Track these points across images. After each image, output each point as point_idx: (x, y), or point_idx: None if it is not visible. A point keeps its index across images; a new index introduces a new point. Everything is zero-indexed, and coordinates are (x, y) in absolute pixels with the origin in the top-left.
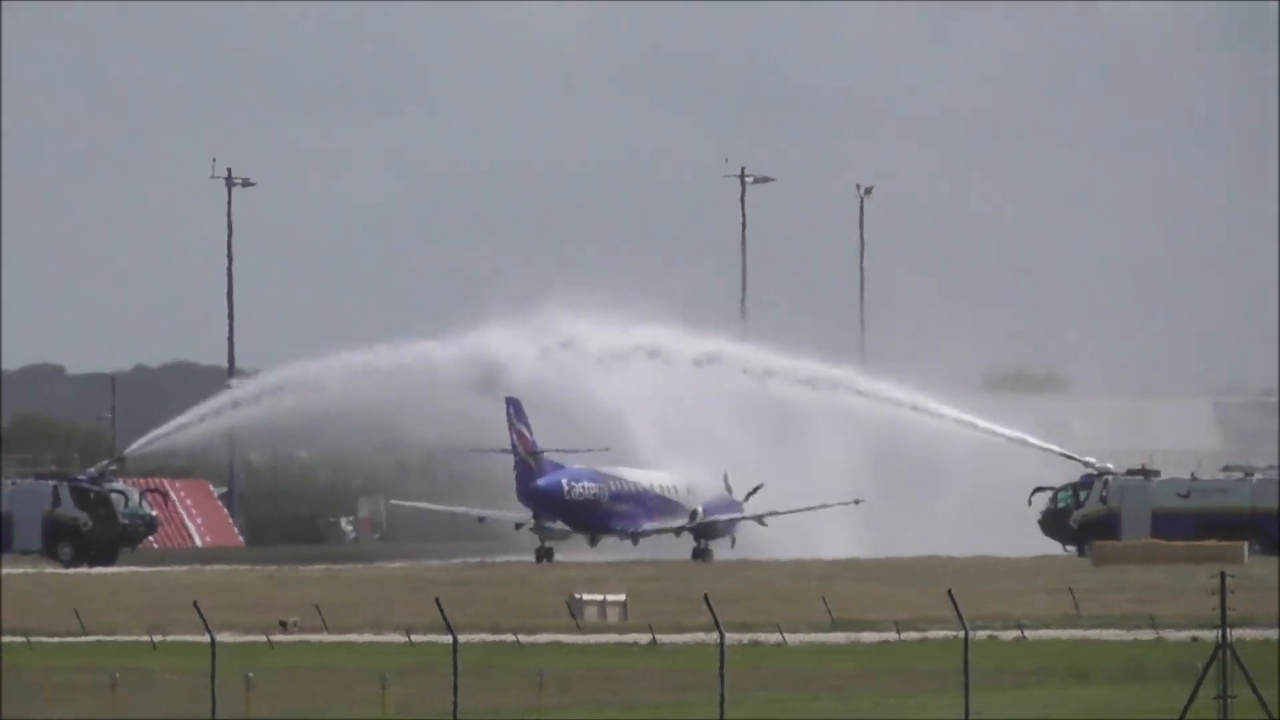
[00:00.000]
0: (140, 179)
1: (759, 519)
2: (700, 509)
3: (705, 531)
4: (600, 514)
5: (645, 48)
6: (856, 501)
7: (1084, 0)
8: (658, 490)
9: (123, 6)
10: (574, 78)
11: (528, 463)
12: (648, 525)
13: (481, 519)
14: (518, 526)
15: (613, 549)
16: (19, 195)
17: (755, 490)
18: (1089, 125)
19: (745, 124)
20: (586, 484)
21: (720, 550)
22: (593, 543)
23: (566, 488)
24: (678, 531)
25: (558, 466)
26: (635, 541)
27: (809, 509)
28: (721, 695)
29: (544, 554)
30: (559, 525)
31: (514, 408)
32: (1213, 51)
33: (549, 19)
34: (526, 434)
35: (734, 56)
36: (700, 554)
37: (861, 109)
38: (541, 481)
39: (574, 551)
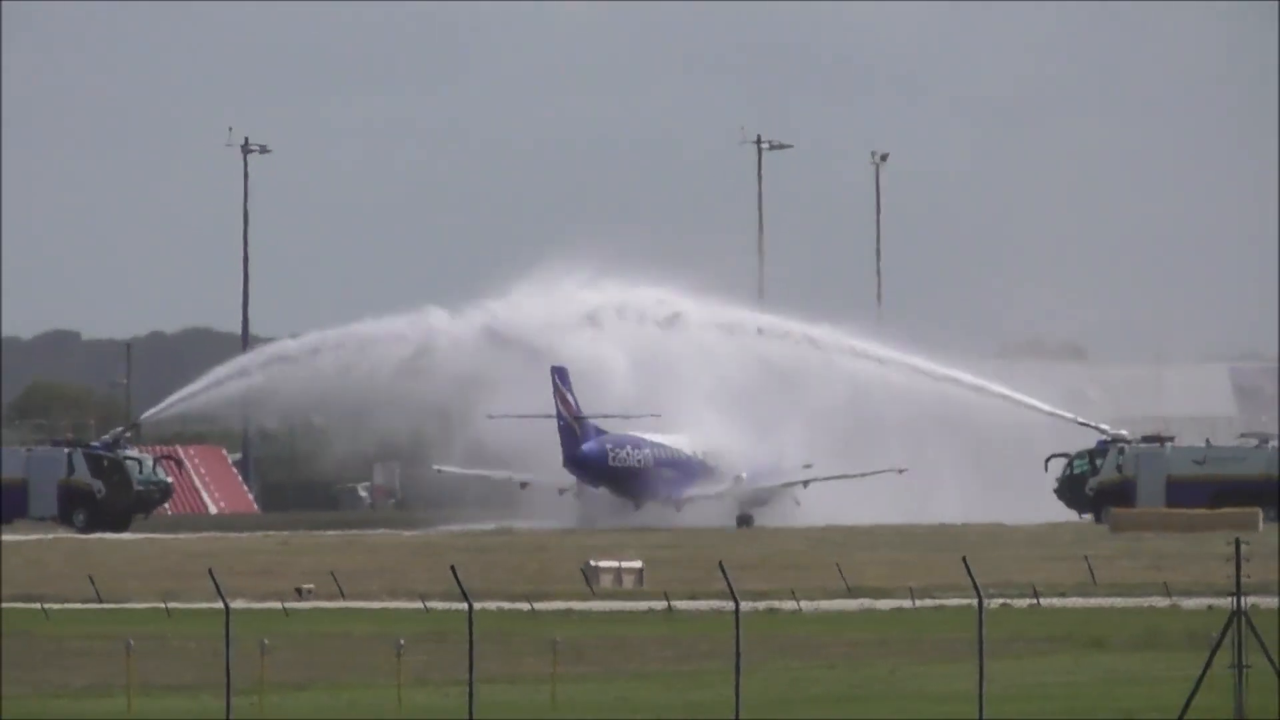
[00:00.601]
0: (157, 145)
1: (801, 484)
2: (743, 475)
3: (748, 498)
4: (644, 480)
5: (664, 17)
6: (900, 470)
7: None
8: (700, 456)
9: None
10: (592, 47)
11: (573, 428)
12: (691, 491)
13: (524, 484)
14: (561, 492)
15: (655, 515)
16: (37, 161)
17: (808, 467)
18: (1104, 93)
19: (762, 92)
20: (630, 450)
21: (766, 517)
22: (636, 508)
23: (611, 454)
24: (720, 497)
25: (601, 432)
26: (678, 507)
27: (852, 476)
28: (737, 664)
29: (589, 520)
30: (602, 490)
31: (559, 375)
32: (1228, 20)
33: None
34: (571, 400)
35: (752, 25)
36: (744, 520)
37: (878, 77)
38: (586, 447)
39: (614, 518)
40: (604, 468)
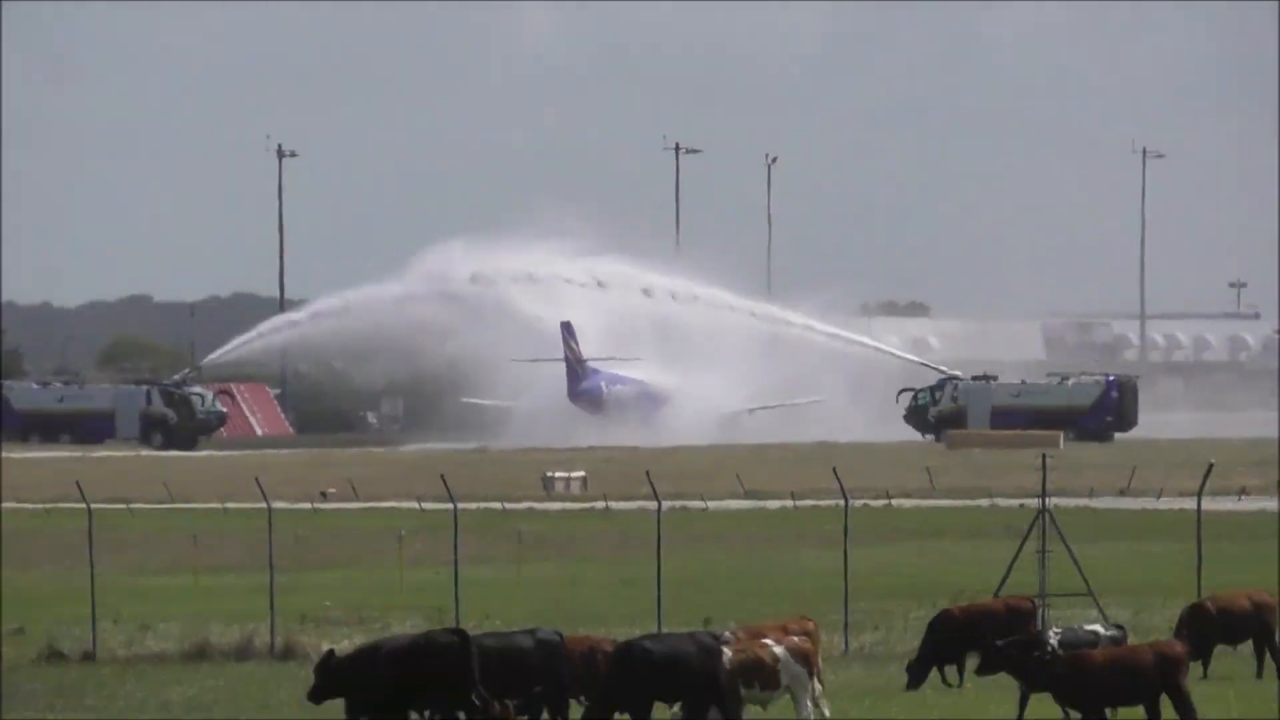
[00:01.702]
0: (210, 150)
1: (748, 411)
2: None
3: (708, 422)
4: (631, 409)
5: (599, 42)
6: (818, 400)
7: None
8: (670, 390)
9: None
10: (541, 70)
11: (575, 370)
12: (665, 417)
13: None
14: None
15: (636, 435)
16: (87, 157)
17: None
18: (945, 96)
19: (678, 105)
20: (619, 386)
21: (724, 435)
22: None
23: (605, 389)
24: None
25: (596, 372)
26: (656, 430)
27: (782, 405)
28: (658, 550)
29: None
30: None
31: (566, 329)
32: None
33: (517, 18)
34: (576, 348)
35: (673, 48)
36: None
37: (773, 92)
38: (585, 384)
39: (602, 439)
40: (600, 400)
